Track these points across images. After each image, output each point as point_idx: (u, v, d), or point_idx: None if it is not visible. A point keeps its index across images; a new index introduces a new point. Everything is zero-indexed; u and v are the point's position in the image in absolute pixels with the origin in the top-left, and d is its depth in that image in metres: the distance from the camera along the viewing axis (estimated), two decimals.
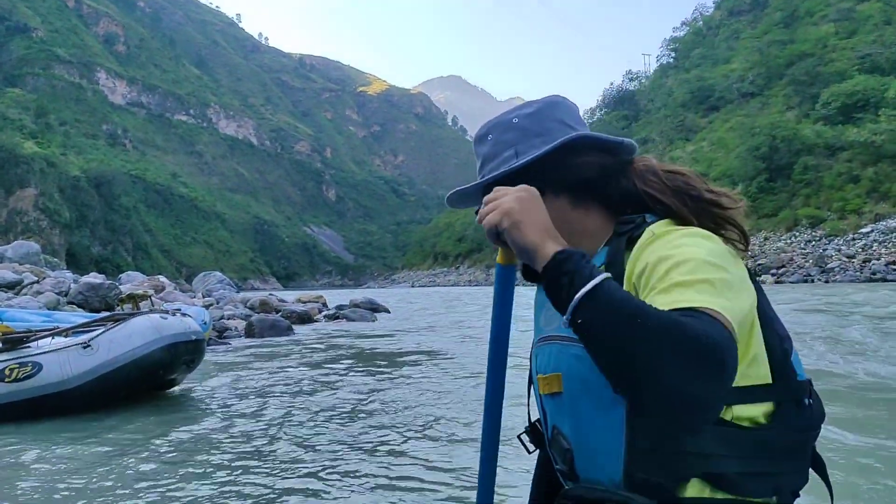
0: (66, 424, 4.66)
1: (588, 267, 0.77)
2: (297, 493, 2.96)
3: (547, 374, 0.98)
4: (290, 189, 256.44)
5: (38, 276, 14.64)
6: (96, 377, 5.02)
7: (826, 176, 45.13)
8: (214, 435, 4.01)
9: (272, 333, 12.47)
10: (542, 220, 0.84)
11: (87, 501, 2.88)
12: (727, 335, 0.71)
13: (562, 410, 0.96)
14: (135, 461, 3.60)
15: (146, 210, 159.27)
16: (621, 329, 0.70)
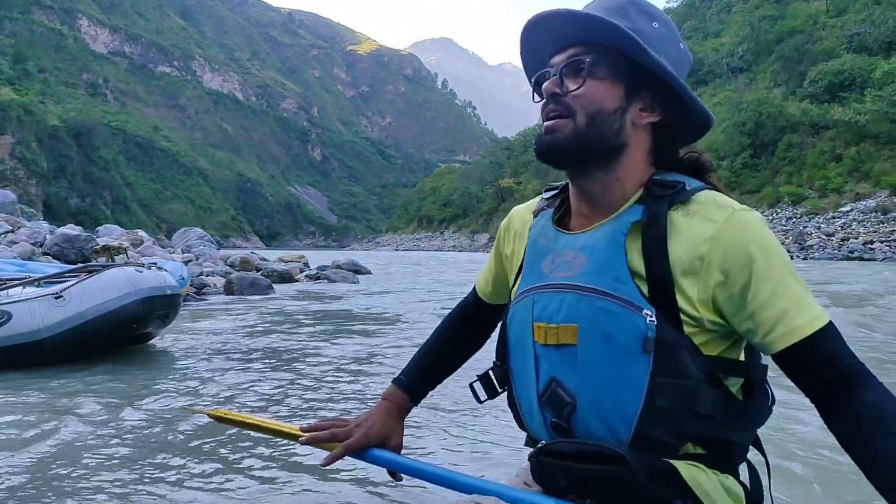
0: (36, 376, 4.57)
1: None
2: (266, 449, 2.93)
3: (556, 324, 0.92)
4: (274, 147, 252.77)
5: (14, 226, 14.32)
6: (67, 329, 4.91)
7: (809, 154, 45.48)
8: (186, 389, 3.96)
9: (252, 292, 12.37)
10: None
11: (55, 450, 2.82)
12: None
13: (570, 363, 0.91)
14: (106, 413, 3.54)
15: (126, 163, 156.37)
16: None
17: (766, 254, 0.85)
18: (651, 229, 0.89)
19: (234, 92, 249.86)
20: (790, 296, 0.84)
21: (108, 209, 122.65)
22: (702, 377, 0.86)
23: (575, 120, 0.92)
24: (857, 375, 0.81)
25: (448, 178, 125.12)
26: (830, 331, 0.84)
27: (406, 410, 1.20)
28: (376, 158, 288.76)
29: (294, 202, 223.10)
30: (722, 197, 0.91)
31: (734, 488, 0.91)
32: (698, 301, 0.86)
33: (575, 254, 0.93)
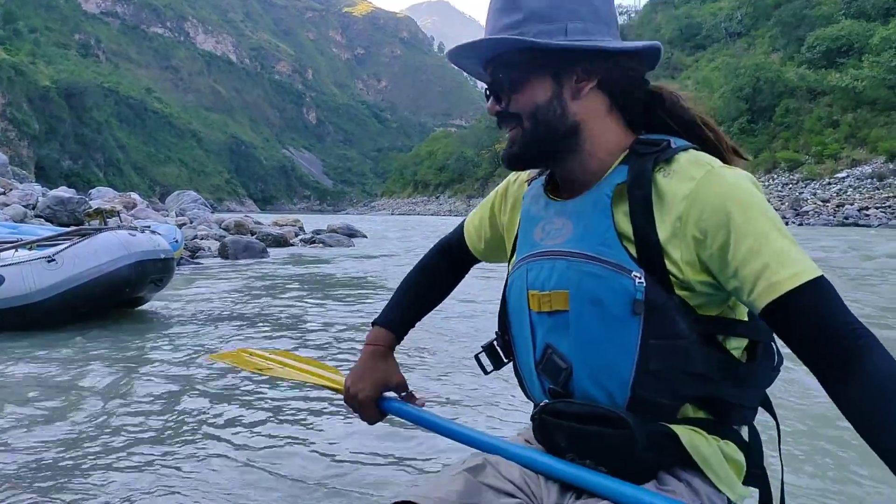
0: (29, 339, 4.55)
1: None
2: (260, 413, 2.92)
3: (547, 291, 0.92)
4: (268, 110, 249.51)
5: (5, 188, 14.14)
6: (60, 292, 4.87)
7: (806, 120, 45.09)
8: (180, 353, 3.94)
9: (246, 255, 12.31)
10: None
11: (49, 413, 2.80)
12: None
13: (563, 329, 0.91)
14: (99, 376, 3.52)
15: (118, 125, 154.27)
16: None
17: (744, 209, 0.81)
18: (636, 190, 0.87)
19: (227, 54, 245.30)
20: (772, 250, 0.79)
21: (100, 171, 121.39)
22: (694, 337, 0.84)
23: (523, 127, 0.93)
24: (854, 338, 0.75)
25: (444, 142, 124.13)
26: (820, 286, 0.78)
27: (392, 348, 1.20)
28: (371, 122, 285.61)
29: (289, 165, 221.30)
30: (704, 155, 0.88)
31: (735, 455, 0.90)
32: (684, 263, 0.85)
33: (563, 221, 0.93)
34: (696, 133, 0.93)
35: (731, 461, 0.89)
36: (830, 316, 0.77)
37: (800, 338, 0.78)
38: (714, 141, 0.94)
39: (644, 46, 0.92)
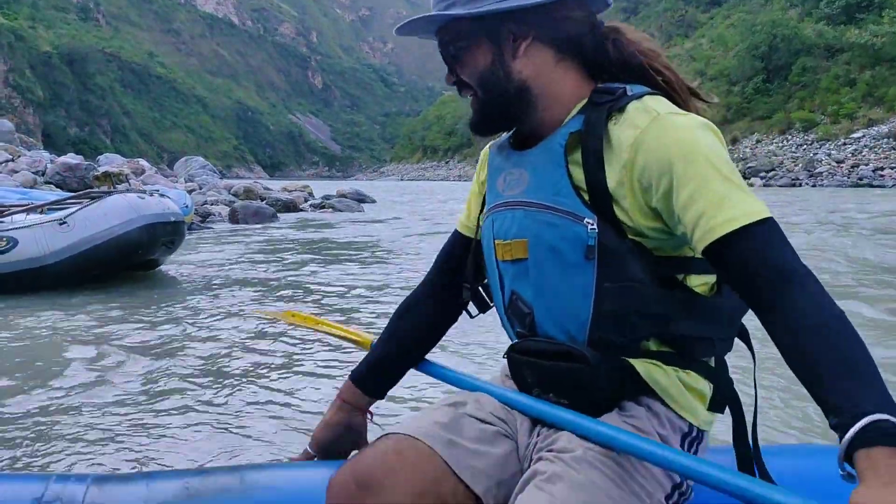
0: (44, 300, 4.59)
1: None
2: (269, 373, 2.94)
3: (508, 240, 0.95)
4: (273, 74, 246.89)
5: (14, 155, 14.14)
6: (73, 255, 4.90)
7: (823, 78, 44.19)
8: (187, 329, 3.92)
9: (256, 220, 12.33)
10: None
11: (45, 383, 2.81)
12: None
13: (524, 276, 0.94)
14: (114, 338, 3.56)
15: (123, 91, 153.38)
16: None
17: (686, 155, 0.81)
18: (588, 140, 0.88)
19: (228, 15, 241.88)
20: (711, 195, 0.79)
21: (107, 138, 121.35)
22: (649, 279, 0.86)
23: (476, 95, 0.97)
24: (789, 279, 0.75)
25: (452, 106, 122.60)
26: (760, 228, 0.78)
27: (363, 409, 1.15)
28: (378, 86, 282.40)
29: (296, 131, 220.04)
30: (655, 101, 0.88)
31: (696, 384, 0.91)
32: (633, 210, 0.86)
33: (521, 171, 0.95)
34: (646, 77, 0.93)
35: (692, 390, 0.91)
36: (765, 255, 0.77)
37: (735, 277, 0.79)
38: (664, 85, 0.93)
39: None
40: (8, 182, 10.81)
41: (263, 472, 1.00)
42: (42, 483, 0.87)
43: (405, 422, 0.95)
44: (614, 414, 0.90)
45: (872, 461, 0.61)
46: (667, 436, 0.89)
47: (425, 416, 0.95)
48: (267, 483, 0.95)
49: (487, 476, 0.90)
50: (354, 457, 0.92)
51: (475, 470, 0.89)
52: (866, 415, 0.63)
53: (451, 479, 0.88)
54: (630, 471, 0.84)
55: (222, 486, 0.91)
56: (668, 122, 0.85)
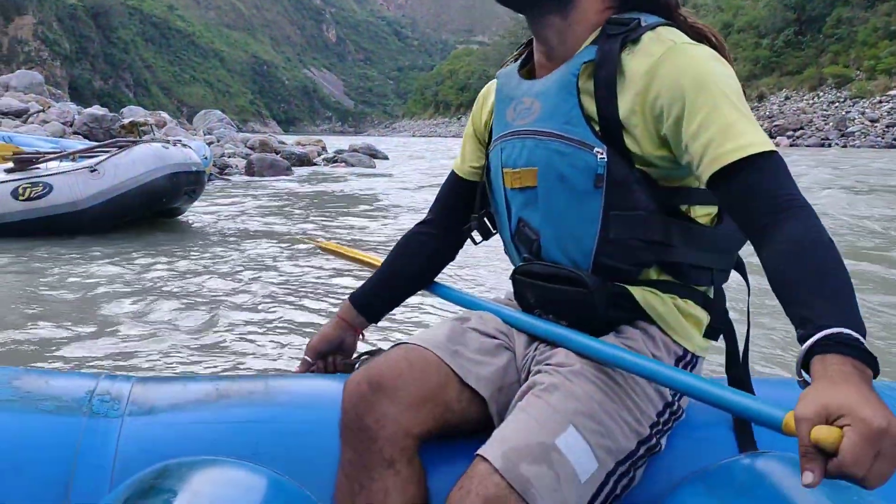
0: (76, 245, 4.80)
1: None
2: (282, 320, 3.05)
3: (518, 169, 0.96)
4: (288, 28, 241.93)
5: (44, 106, 14.34)
6: (103, 201, 5.11)
7: (860, 31, 40.52)
8: (212, 267, 4.16)
9: (271, 173, 12.53)
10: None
11: (95, 319, 3.02)
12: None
13: (532, 203, 0.96)
14: (141, 285, 3.72)
15: (144, 44, 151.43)
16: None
17: (698, 84, 0.82)
18: (601, 70, 0.88)
19: None
20: (720, 124, 0.79)
21: (130, 92, 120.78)
22: (654, 207, 0.87)
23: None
24: (788, 207, 0.76)
25: (466, 60, 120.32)
26: (766, 160, 0.78)
27: (357, 327, 1.19)
28: (392, 39, 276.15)
29: (311, 86, 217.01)
30: (669, 31, 0.88)
31: (692, 311, 0.93)
32: (643, 138, 0.86)
33: (532, 100, 0.95)
34: (673, 19, 0.93)
35: (688, 316, 0.93)
36: (767, 185, 0.77)
37: (736, 204, 0.80)
38: (690, 26, 0.93)
39: None
40: (39, 132, 11.06)
41: (285, 379, 1.10)
42: (93, 380, 0.97)
43: (418, 334, 1.01)
44: (611, 336, 0.92)
45: (825, 365, 0.62)
46: (661, 357, 0.91)
47: (433, 330, 1.00)
48: (287, 389, 1.03)
49: (490, 381, 0.94)
50: (369, 362, 0.97)
51: (479, 376, 0.93)
52: (828, 328, 0.64)
53: (455, 384, 0.92)
54: (624, 387, 0.86)
55: (249, 390, 0.99)
56: (682, 50, 0.84)
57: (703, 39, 0.91)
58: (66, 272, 3.91)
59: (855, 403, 0.58)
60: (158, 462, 0.85)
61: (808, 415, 0.59)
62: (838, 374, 0.61)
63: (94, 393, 0.93)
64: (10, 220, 4.98)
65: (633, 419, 0.85)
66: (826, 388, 0.60)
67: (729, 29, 49.73)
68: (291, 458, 0.90)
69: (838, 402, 0.58)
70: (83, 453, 0.85)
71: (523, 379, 0.95)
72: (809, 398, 0.61)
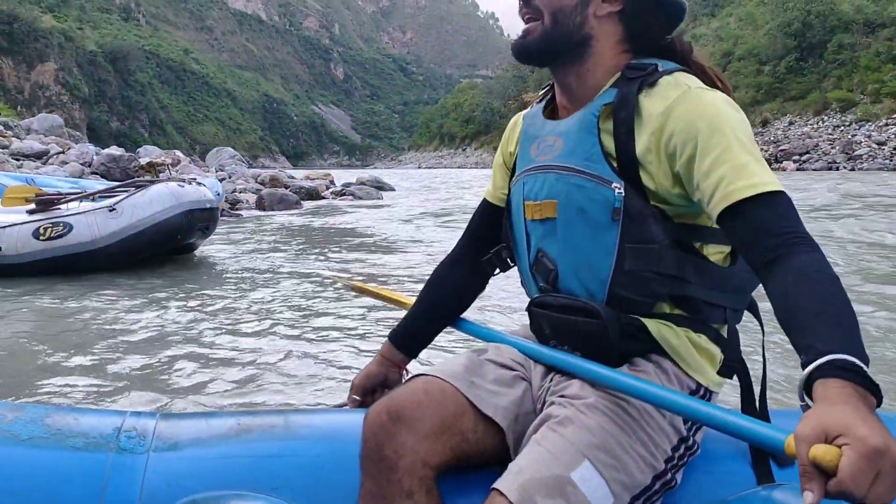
0: (96, 282, 4.87)
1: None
2: (299, 355, 3.05)
3: (539, 201, 1.00)
4: (298, 66, 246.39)
5: (63, 148, 14.66)
6: (121, 239, 5.21)
7: (862, 56, 40.61)
8: (228, 302, 4.21)
9: (281, 207, 12.68)
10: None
11: (119, 355, 3.07)
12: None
13: (551, 235, 0.99)
14: (160, 320, 3.76)
15: (160, 86, 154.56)
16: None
17: (712, 125, 0.85)
18: (620, 111, 0.92)
19: (257, 12, 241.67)
20: (732, 163, 0.82)
21: (145, 131, 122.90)
22: (668, 242, 0.89)
23: (543, 21, 0.97)
24: (795, 243, 0.77)
25: (470, 93, 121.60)
26: (775, 199, 0.80)
27: (400, 364, 1.23)
28: (398, 75, 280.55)
29: (318, 122, 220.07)
30: (685, 76, 0.92)
31: (706, 346, 0.94)
32: (659, 175, 0.90)
33: (555, 138, 0.99)
34: (713, 82, 0.96)
35: (702, 350, 0.94)
36: (775, 223, 0.79)
37: (744, 240, 0.81)
38: (700, 64, 0.98)
39: (678, 0, 0.98)
40: (59, 173, 11.29)
41: (305, 414, 1.12)
42: (120, 417, 1.00)
43: (434, 366, 1.03)
44: (624, 368, 0.93)
45: (826, 388, 0.62)
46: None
47: (451, 362, 1.02)
48: (308, 423, 1.05)
49: (507, 411, 0.95)
50: (388, 394, 0.98)
51: (496, 406, 0.94)
52: (830, 353, 0.64)
53: (471, 415, 0.93)
54: (639, 420, 0.86)
55: (270, 424, 1.01)
56: (697, 94, 0.88)
57: (716, 86, 0.93)
58: (86, 308, 3.98)
59: (853, 423, 0.57)
60: (183, 496, 0.86)
61: (806, 434, 0.59)
62: (838, 396, 0.61)
63: (122, 429, 0.95)
64: (32, 259, 5.09)
65: (648, 453, 0.85)
66: (825, 409, 0.60)
67: (729, 57, 50.18)
68: (312, 491, 0.91)
69: (837, 422, 0.58)
70: (111, 488, 0.87)
71: (539, 409, 0.95)
72: (809, 419, 0.61)
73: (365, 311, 3.62)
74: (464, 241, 1.22)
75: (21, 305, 4.09)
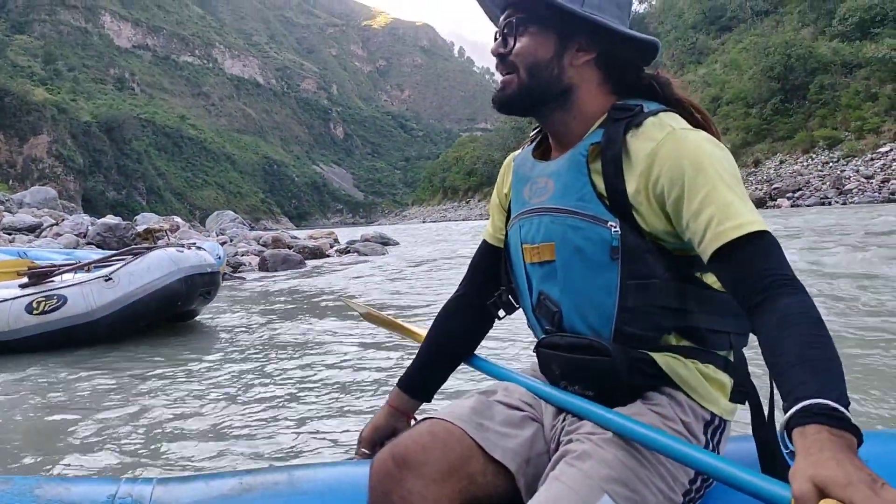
0: (92, 354, 4.80)
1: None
2: (307, 426, 2.96)
3: (536, 244, 1.02)
4: (297, 128, 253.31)
5: (57, 220, 14.84)
6: (119, 309, 5.15)
7: (843, 95, 43.55)
8: (231, 365, 4.15)
9: (285, 267, 12.67)
10: None
11: (115, 423, 3.00)
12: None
13: (552, 277, 1.01)
14: (159, 389, 3.68)
15: (157, 154, 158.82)
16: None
17: (697, 166, 0.88)
18: (608, 151, 0.95)
19: (254, 76, 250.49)
20: (719, 203, 0.85)
21: (143, 199, 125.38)
22: (668, 275, 0.92)
23: (518, 75, 1.01)
24: (781, 285, 0.80)
25: (470, 146, 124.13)
26: (762, 240, 0.83)
27: (408, 412, 1.24)
28: (398, 132, 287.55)
29: (320, 181, 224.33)
30: (670, 117, 0.95)
31: (716, 376, 0.97)
32: (650, 215, 0.93)
33: (546, 180, 1.03)
34: (693, 118, 1.00)
35: (712, 381, 0.96)
36: (764, 263, 0.82)
37: (733, 282, 0.84)
38: (701, 121, 1.00)
39: (645, 38, 1.00)
40: (53, 245, 11.36)
41: (310, 469, 1.10)
42: (114, 484, 0.98)
43: (440, 409, 1.03)
44: (638, 402, 0.95)
45: (804, 436, 0.64)
46: (690, 423, 0.94)
47: (458, 403, 1.03)
48: (312, 478, 1.04)
49: (517, 454, 0.96)
50: (394, 439, 0.99)
51: (505, 449, 0.95)
52: (805, 399, 0.66)
53: (480, 457, 0.94)
54: (657, 454, 0.87)
55: (273, 482, 1.00)
56: (681, 135, 0.91)
57: (695, 119, 0.98)
58: (80, 379, 3.87)
59: (837, 477, 0.59)
60: None
61: (803, 496, 0.61)
62: (815, 445, 0.63)
63: (116, 497, 0.94)
64: (26, 334, 5.00)
65: (667, 486, 0.87)
66: (810, 463, 0.62)
67: (718, 102, 53.45)
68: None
69: (824, 477, 0.60)
70: None
71: (553, 449, 0.97)
72: (798, 476, 0.62)
73: (363, 372, 3.56)
74: (466, 281, 1.26)
75: (12, 377, 4.00)
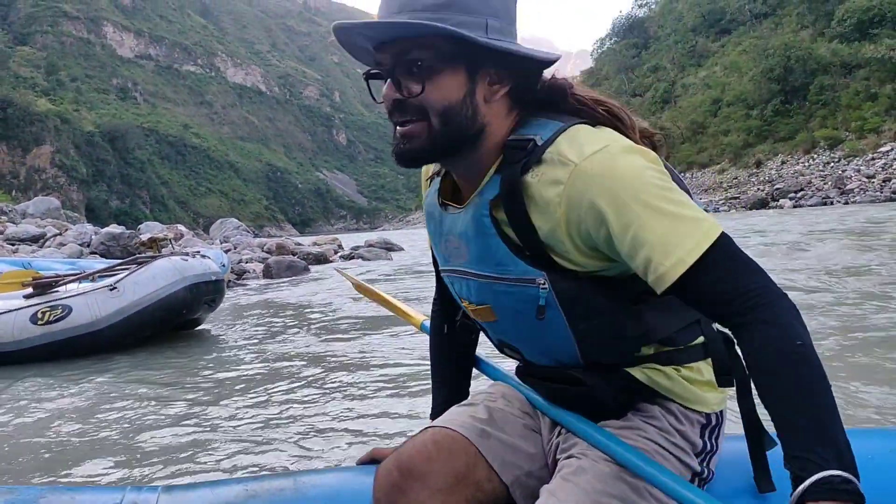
0: (97, 364, 4.80)
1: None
2: (311, 432, 2.96)
3: (473, 305, 0.98)
4: (300, 135, 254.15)
5: (61, 230, 14.87)
6: (123, 318, 5.15)
7: (843, 95, 43.79)
8: (236, 372, 4.14)
9: (289, 274, 12.65)
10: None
11: (121, 432, 3.02)
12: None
13: (502, 330, 0.98)
14: (165, 397, 3.70)
15: (160, 162, 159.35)
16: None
17: (615, 203, 0.78)
18: (510, 203, 0.86)
19: (257, 84, 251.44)
20: (651, 241, 0.77)
21: (146, 208, 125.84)
22: (616, 305, 0.87)
23: (430, 122, 0.86)
24: (748, 309, 0.75)
25: None
26: (712, 257, 0.76)
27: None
28: None
29: (324, 188, 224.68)
30: (569, 142, 0.84)
31: (699, 376, 0.94)
32: (578, 256, 0.85)
33: (458, 241, 0.95)
34: (594, 116, 0.90)
35: (697, 382, 0.94)
36: (721, 287, 0.76)
37: (703, 308, 0.80)
38: (613, 120, 0.90)
39: (551, 56, 0.88)
40: (56, 255, 11.37)
41: (315, 475, 1.10)
42: (119, 493, 0.97)
43: (444, 416, 1.02)
44: (630, 415, 0.93)
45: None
46: (686, 431, 0.92)
47: (462, 411, 1.01)
48: (318, 484, 1.03)
49: (516, 466, 0.94)
50: (398, 448, 0.96)
51: (505, 460, 0.94)
52: (819, 470, 0.65)
53: (484, 465, 0.93)
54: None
55: (278, 488, 1.00)
56: (586, 170, 0.80)
57: (607, 119, 0.89)
58: (85, 389, 3.90)
59: None
60: None
61: None
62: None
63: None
64: (31, 345, 5.00)
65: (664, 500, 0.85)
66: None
67: (719, 104, 53.61)
68: None
69: None
70: None
71: (551, 463, 0.96)
72: None
73: (364, 375, 3.54)
74: (437, 299, 1.21)
75: (17, 387, 4.01)
